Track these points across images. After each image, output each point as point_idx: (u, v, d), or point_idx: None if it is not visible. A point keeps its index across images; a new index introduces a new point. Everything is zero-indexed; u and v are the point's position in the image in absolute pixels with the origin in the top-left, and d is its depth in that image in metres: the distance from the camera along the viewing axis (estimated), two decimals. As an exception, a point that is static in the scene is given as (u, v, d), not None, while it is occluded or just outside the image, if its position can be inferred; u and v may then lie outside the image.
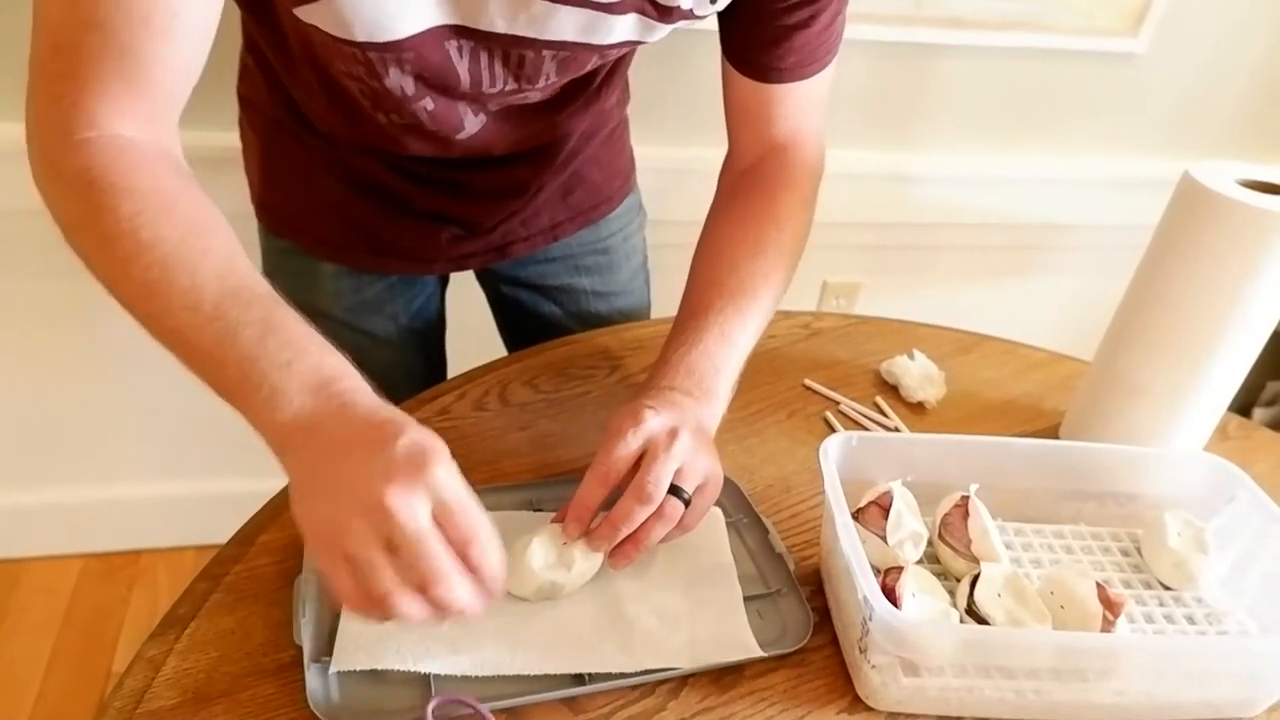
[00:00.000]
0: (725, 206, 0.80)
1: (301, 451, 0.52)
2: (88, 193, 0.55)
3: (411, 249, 0.94)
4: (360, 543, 0.48)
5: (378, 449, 0.49)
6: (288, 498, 0.72)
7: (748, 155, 0.80)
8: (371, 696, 0.58)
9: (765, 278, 0.75)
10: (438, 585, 0.49)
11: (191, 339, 0.54)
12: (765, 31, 0.71)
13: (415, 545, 0.48)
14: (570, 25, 0.65)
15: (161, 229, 0.55)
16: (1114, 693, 0.61)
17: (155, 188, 0.56)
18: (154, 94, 0.58)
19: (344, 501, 0.49)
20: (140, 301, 0.55)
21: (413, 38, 0.63)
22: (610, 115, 0.97)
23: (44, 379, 1.46)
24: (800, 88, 0.75)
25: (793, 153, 0.79)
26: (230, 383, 0.54)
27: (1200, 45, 1.47)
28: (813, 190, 0.81)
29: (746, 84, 0.76)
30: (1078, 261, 1.68)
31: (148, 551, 1.67)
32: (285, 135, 0.87)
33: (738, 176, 0.81)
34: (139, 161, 0.57)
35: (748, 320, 0.73)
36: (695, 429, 0.65)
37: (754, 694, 0.62)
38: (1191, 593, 0.71)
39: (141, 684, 0.59)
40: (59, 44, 0.55)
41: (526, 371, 0.91)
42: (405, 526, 0.48)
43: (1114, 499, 0.76)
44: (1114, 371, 0.82)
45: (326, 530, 0.50)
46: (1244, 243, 0.72)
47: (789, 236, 0.77)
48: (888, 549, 0.66)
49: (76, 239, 0.57)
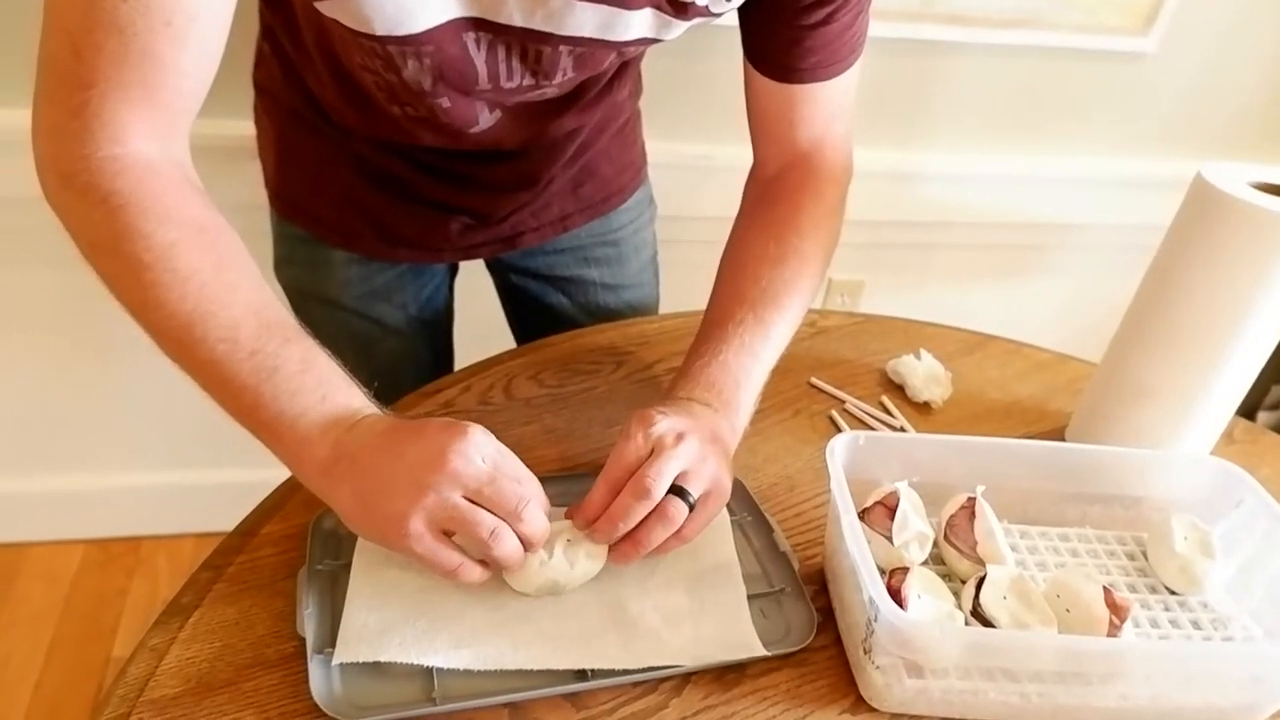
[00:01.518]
0: (749, 216, 0.79)
1: (350, 476, 0.57)
2: (117, 215, 0.55)
3: (422, 238, 0.94)
4: (443, 507, 0.55)
5: (418, 435, 0.57)
6: (291, 489, 0.73)
7: (773, 162, 0.79)
8: (374, 689, 0.58)
9: (788, 286, 0.73)
10: (520, 513, 0.57)
11: (227, 371, 0.56)
12: (785, 31, 0.70)
13: (490, 484, 0.56)
14: (588, 22, 0.64)
15: (195, 259, 0.56)
16: (1118, 697, 0.61)
17: (186, 216, 0.57)
18: (173, 103, 0.58)
19: (408, 488, 0.55)
20: (173, 331, 0.56)
21: (431, 31, 0.62)
22: (622, 108, 0.97)
23: (45, 366, 1.46)
24: (823, 89, 0.74)
25: (817, 159, 0.78)
26: (264, 415, 0.57)
27: (1210, 44, 1.46)
28: (840, 198, 0.80)
29: (768, 85, 0.75)
30: (1084, 261, 1.68)
31: (148, 539, 1.68)
32: (300, 123, 0.87)
33: (763, 185, 0.79)
34: (167, 185, 0.57)
35: (770, 331, 0.72)
36: (709, 436, 0.64)
37: (757, 693, 0.62)
38: (1197, 597, 0.71)
39: (145, 672, 0.59)
40: (77, 47, 0.54)
41: (531, 366, 0.91)
42: (477, 472, 0.56)
43: (1120, 502, 0.76)
44: (1122, 373, 0.82)
45: (405, 520, 0.55)
46: (1256, 246, 0.71)
47: (813, 245, 0.76)
48: (893, 550, 0.66)
49: (100, 261, 0.57)
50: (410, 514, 0.55)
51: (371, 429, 0.58)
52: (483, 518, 0.56)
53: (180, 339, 0.56)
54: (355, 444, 0.57)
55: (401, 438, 0.57)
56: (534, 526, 0.58)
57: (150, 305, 0.56)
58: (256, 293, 0.58)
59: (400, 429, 0.58)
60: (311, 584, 0.64)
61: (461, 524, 0.56)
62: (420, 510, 0.55)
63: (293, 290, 0.99)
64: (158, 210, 0.56)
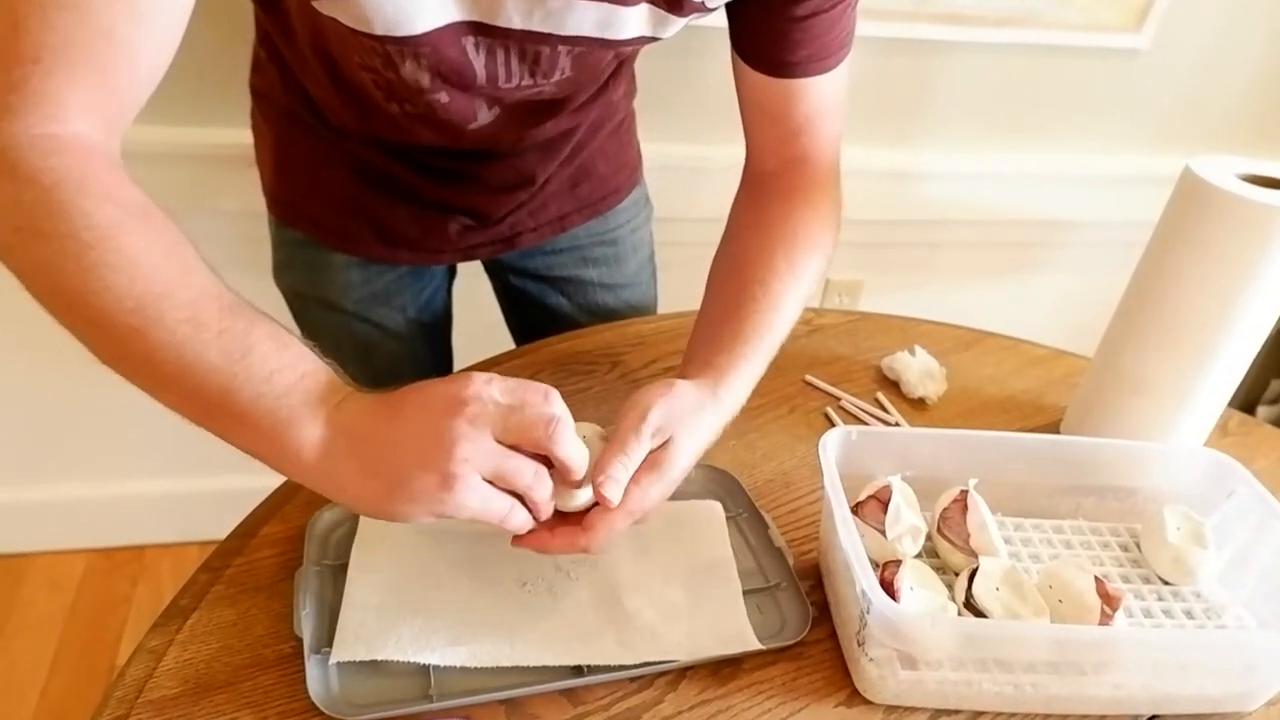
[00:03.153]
0: (745, 215, 0.78)
1: (354, 451, 0.52)
2: (51, 193, 0.49)
3: (421, 239, 0.94)
4: (483, 453, 0.51)
5: (418, 392, 0.53)
6: (289, 492, 0.73)
7: (768, 158, 0.79)
8: (371, 687, 0.58)
9: (786, 290, 0.72)
10: (553, 435, 0.53)
11: (189, 356, 0.50)
12: (776, 24, 0.70)
13: (515, 411, 0.52)
14: (587, 20, 0.65)
15: (141, 240, 0.51)
16: (1112, 686, 0.61)
17: (128, 197, 0.52)
18: (123, 90, 0.54)
19: (433, 446, 0.51)
20: (120, 319, 0.50)
21: (430, 33, 0.63)
22: (618, 107, 0.97)
23: (48, 375, 1.47)
24: (815, 85, 0.74)
25: (812, 166, 0.77)
26: (239, 401, 0.51)
27: (1203, 41, 1.46)
28: (836, 202, 0.79)
29: (759, 80, 0.74)
30: (1079, 258, 1.68)
31: (151, 547, 1.68)
32: (297, 126, 0.88)
33: (757, 184, 0.79)
34: (107, 166, 0.52)
35: (764, 335, 0.71)
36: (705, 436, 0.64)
37: (752, 687, 0.62)
38: (1190, 587, 0.71)
39: (143, 674, 0.60)
40: (19, 19, 0.50)
41: (529, 366, 0.91)
42: (497, 405, 0.52)
43: (1113, 494, 0.76)
44: (1115, 367, 0.82)
45: (450, 477, 0.50)
46: (1245, 238, 0.72)
47: (806, 250, 0.75)
48: (886, 543, 0.66)
49: (28, 248, 0.50)
50: (451, 468, 0.50)
51: (360, 402, 0.53)
52: (523, 465, 0.53)
53: (130, 327, 0.50)
54: (349, 418, 0.52)
55: (399, 401, 0.53)
56: (568, 449, 0.54)
57: (93, 291, 0.49)
58: (211, 279, 0.53)
59: (394, 395, 0.54)
60: (309, 584, 0.64)
61: (502, 472, 0.52)
62: (460, 462, 0.50)
63: (292, 295, 1.00)
64: (97, 189, 0.50)
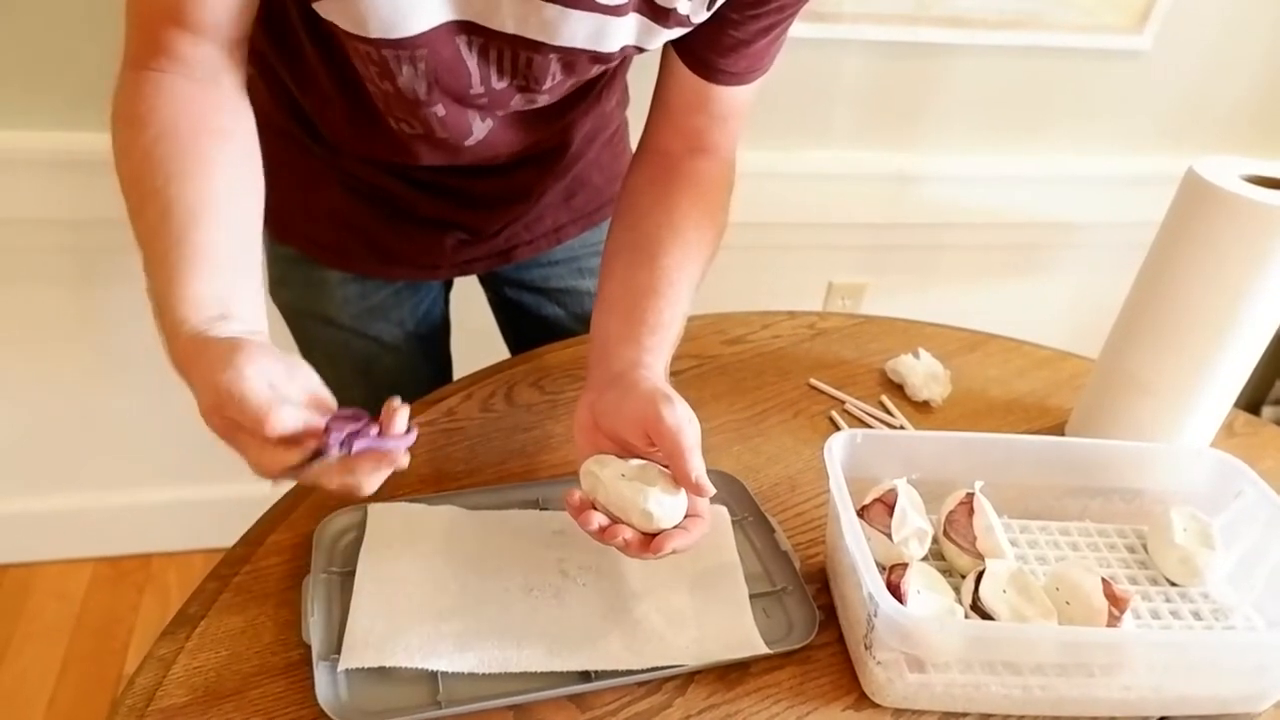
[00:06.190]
0: (651, 193, 0.79)
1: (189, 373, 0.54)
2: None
3: (417, 255, 0.94)
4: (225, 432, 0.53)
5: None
6: (296, 499, 0.73)
7: (674, 139, 0.80)
8: (379, 694, 0.59)
9: (690, 271, 0.74)
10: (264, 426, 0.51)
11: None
12: (726, 39, 0.72)
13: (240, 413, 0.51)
14: (580, 31, 0.66)
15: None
16: (1120, 688, 0.61)
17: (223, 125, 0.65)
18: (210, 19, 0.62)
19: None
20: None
21: (425, 34, 0.63)
22: (611, 118, 0.98)
23: (54, 385, 1.47)
24: (738, 93, 0.77)
25: (717, 158, 0.80)
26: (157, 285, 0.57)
27: (1205, 42, 1.46)
28: (730, 192, 0.81)
29: (689, 79, 0.76)
30: (1083, 259, 1.68)
31: (158, 555, 1.68)
32: (290, 144, 0.87)
33: (663, 164, 0.80)
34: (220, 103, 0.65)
35: (680, 320, 0.73)
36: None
37: (760, 691, 0.62)
38: (1198, 588, 0.71)
39: (153, 682, 0.60)
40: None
41: (532, 373, 0.91)
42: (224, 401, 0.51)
43: (1120, 495, 0.76)
44: (1120, 368, 0.82)
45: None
46: (1248, 238, 0.72)
47: (714, 237, 0.78)
48: (893, 546, 0.66)
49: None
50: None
51: (200, 345, 0.55)
52: (247, 452, 0.53)
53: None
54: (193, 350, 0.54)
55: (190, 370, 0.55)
56: (278, 430, 0.51)
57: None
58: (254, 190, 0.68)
59: (235, 346, 0.53)
60: (317, 591, 0.64)
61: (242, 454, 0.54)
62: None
63: (289, 310, 0.99)
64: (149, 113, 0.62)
